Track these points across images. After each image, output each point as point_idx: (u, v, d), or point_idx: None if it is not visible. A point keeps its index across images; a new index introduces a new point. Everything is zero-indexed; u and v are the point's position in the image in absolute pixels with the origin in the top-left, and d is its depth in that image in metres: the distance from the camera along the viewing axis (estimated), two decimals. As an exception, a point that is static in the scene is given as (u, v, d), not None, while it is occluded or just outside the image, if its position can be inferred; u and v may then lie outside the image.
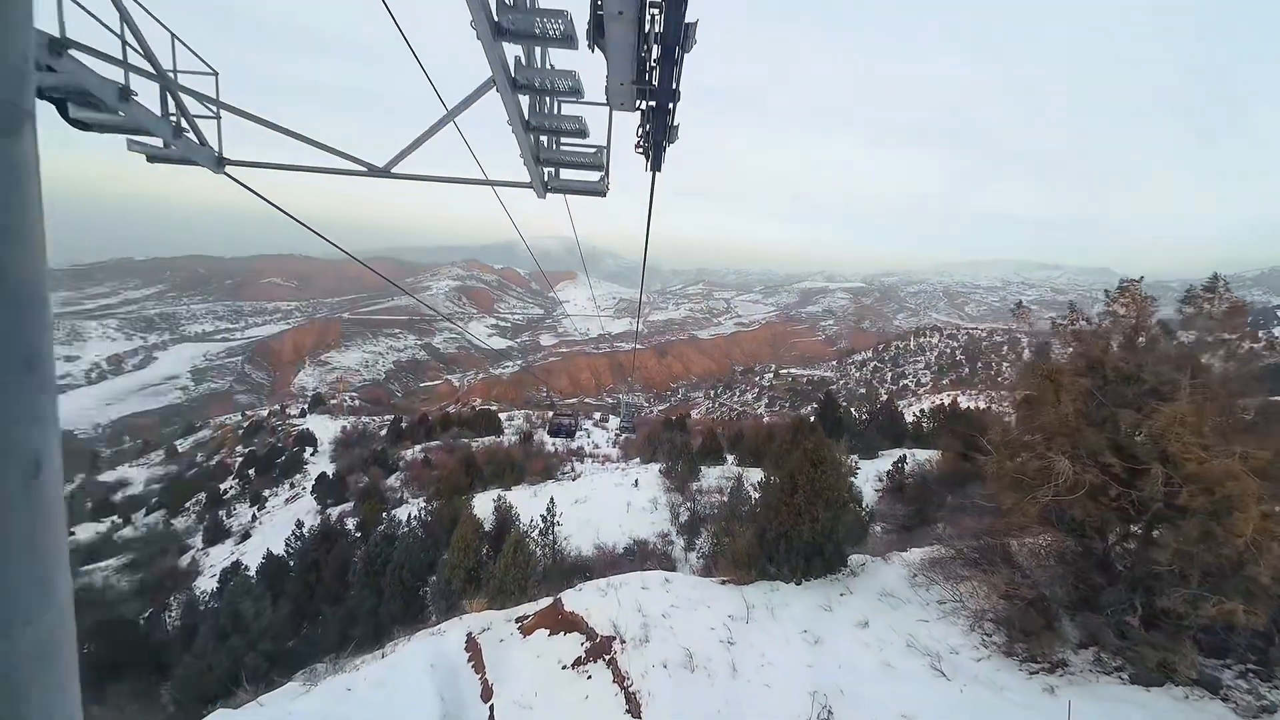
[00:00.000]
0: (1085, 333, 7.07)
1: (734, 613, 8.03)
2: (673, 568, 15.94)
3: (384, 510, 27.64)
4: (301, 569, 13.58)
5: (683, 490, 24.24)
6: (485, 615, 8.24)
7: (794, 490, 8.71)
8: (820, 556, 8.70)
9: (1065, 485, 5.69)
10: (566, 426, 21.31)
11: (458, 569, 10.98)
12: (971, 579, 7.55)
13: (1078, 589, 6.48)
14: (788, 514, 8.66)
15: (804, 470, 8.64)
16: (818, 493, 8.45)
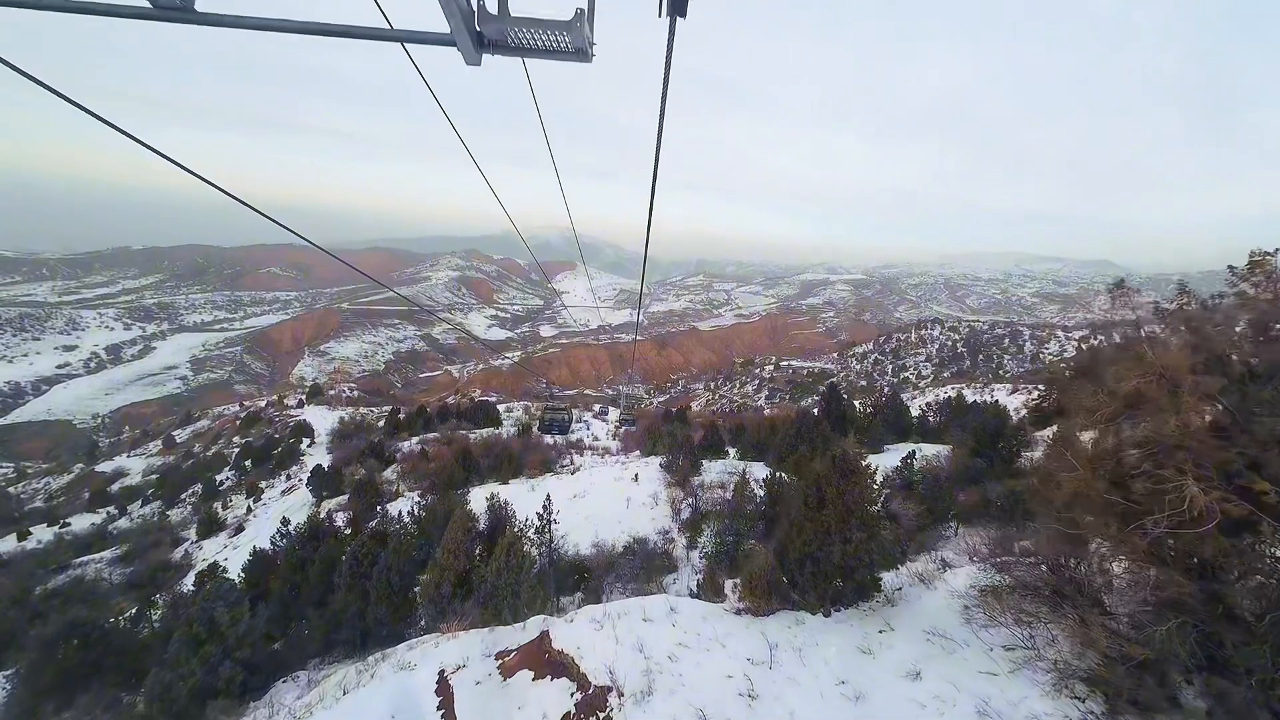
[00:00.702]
0: (1201, 317, 5.75)
1: (754, 654, 6.78)
2: (674, 567, 15.40)
3: (379, 504, 27.12)
4: (287, 568, 13.02)
5: (684, 485, 23.66)
6: (464, 642, 7.40)
7: (821, 504, 7.61)
8: (851, 581, 7.64)
9: (1190, 514, 4.50)
10: (560, 422, 19.31)
11: (447, 572, 10.40)
12: (1052, 622, 6.00)
13: (1203, 646, 4.97)
14: (814, 532, 7.54)
15: (833, 481, 7.50)
16: (850, 509, 7.38)
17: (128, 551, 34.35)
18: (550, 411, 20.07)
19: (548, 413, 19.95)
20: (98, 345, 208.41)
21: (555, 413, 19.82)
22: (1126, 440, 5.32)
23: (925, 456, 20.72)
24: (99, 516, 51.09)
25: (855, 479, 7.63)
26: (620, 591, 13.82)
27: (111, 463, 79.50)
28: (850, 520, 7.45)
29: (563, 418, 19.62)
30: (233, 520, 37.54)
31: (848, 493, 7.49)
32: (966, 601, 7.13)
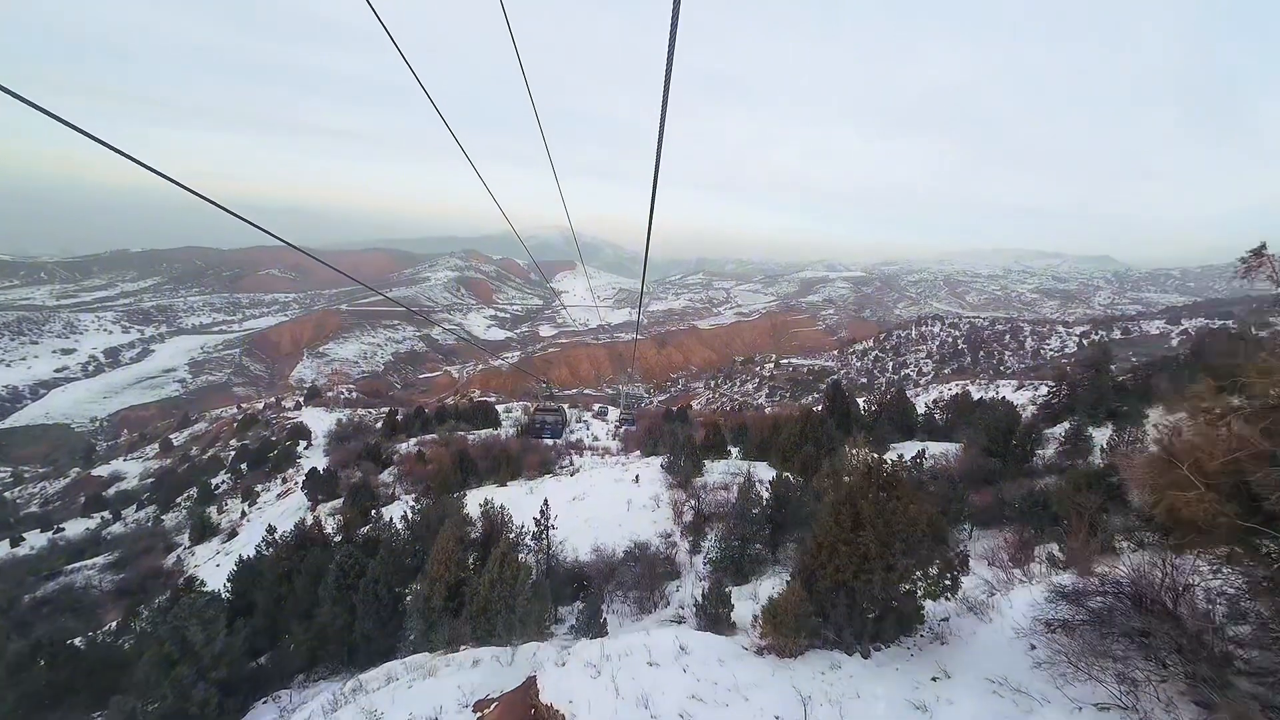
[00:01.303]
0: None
1: (783, 711, 5.56)
2: (677, 574, 14.79)
3: (374, 508, 26.54)
4: (271, 579, 12.43)
5: (686, 487, 23.04)
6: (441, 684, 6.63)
7: (856, 524, 6.49)
8: (893, 613, 6.60)
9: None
10: (552, 425, 17.68)
11: (438, 584, 9.81)
12: (1163, 680, 4.65)
13: None
14: (849, 558, 6.48)
15: (871, 496, 6.42)
16: (893, 530, 6.32)
17: (120, 558, 33.77)
18: (541, 413, 18.07)
19: (538, 414, 17.97)
20: (96, 348, 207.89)
21: (546, 414, 17.84)
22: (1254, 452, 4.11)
23: (934, 455, 20.12)
24: (93, 521, 50.54)
25: (898, 492, 6.58)
26: (621, 600, 13.21)
27: (108, 466, 79.01)
28: (894, 543, 6.40)
29: (555, 420, 17.62)
30: (227, 525, 36.92)
31: (889, 509, 6.41)
32: (1033, 639, 5.91)
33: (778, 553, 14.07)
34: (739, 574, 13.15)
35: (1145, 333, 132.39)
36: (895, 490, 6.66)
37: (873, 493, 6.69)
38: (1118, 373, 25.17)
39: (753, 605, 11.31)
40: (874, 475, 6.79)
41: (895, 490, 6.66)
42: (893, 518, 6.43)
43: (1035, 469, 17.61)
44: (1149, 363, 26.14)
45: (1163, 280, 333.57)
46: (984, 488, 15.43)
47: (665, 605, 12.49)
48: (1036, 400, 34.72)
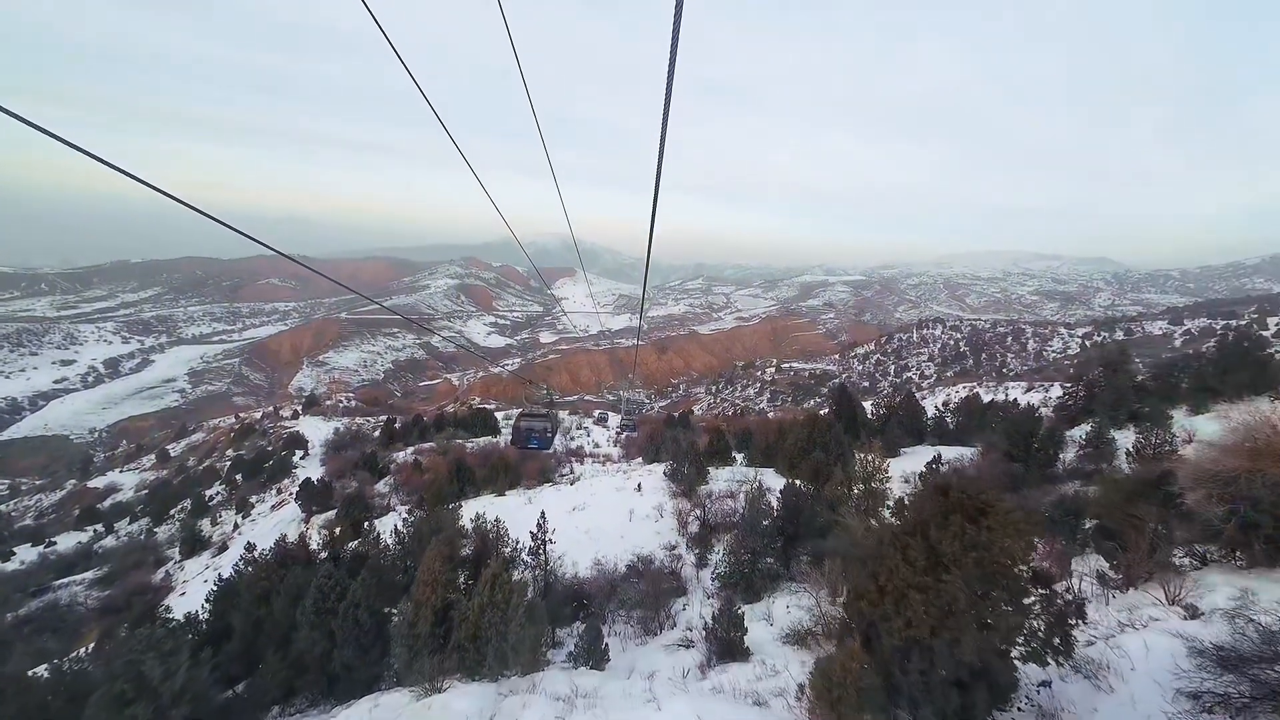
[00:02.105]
0: None
1: None
2: (683, 590, 13.90)
3: (368, 519, 25.64)
4: (249, 601, 11.58)
5: (690, 495, 22.18)
6: None
7: (935, 562, 5.02)
8: (983, 681, 4.99)
9: None
10: (539, 434, 14.24)
11: (423, 609, 8.98)
12: None
13: None
14: (927, 609, 4.97)
15: (955, 529, 4.88)
16: (989, 572, 4.83)
17: (108, 573, 32.84)
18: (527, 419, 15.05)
19: (523, 420, 14.83)
20: (95, 359, 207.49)
21: (534, 420, 14.93)
22: None
23: (949, 460, 19.23)
24: (86, 535, 49.57)
25: (991, 520, 4.97)
26: (624, 620, 12.33)
27: (104, 478, 77.99)
28: (991, 590, 4.90)
29: (544, 427, 14.72)
30: (219, 538, 36.01)
31: (982, 544, 4.81)
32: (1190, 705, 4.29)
33: (791, 567, 13.19)
34: (750, 591, 12.27)
35: (1148, 333, 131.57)
36: (988, 517, 5.04)
37: (956, 521, 5.11)
38: (1136, 373, 24.33)
39: (767, 627, 10.44)
40: (956, 500, 5.18)
41: (988, 517, 5.04)
42: (986, 555, 4.90)
43: (1057, 474, 16.76)
44: (1170, 362, 25.33)
45: (1162, 281, 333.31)
46: (1006, 495, 14.57)
47: (672, 626, 11.61)
48: (1049, 402, 33.86)
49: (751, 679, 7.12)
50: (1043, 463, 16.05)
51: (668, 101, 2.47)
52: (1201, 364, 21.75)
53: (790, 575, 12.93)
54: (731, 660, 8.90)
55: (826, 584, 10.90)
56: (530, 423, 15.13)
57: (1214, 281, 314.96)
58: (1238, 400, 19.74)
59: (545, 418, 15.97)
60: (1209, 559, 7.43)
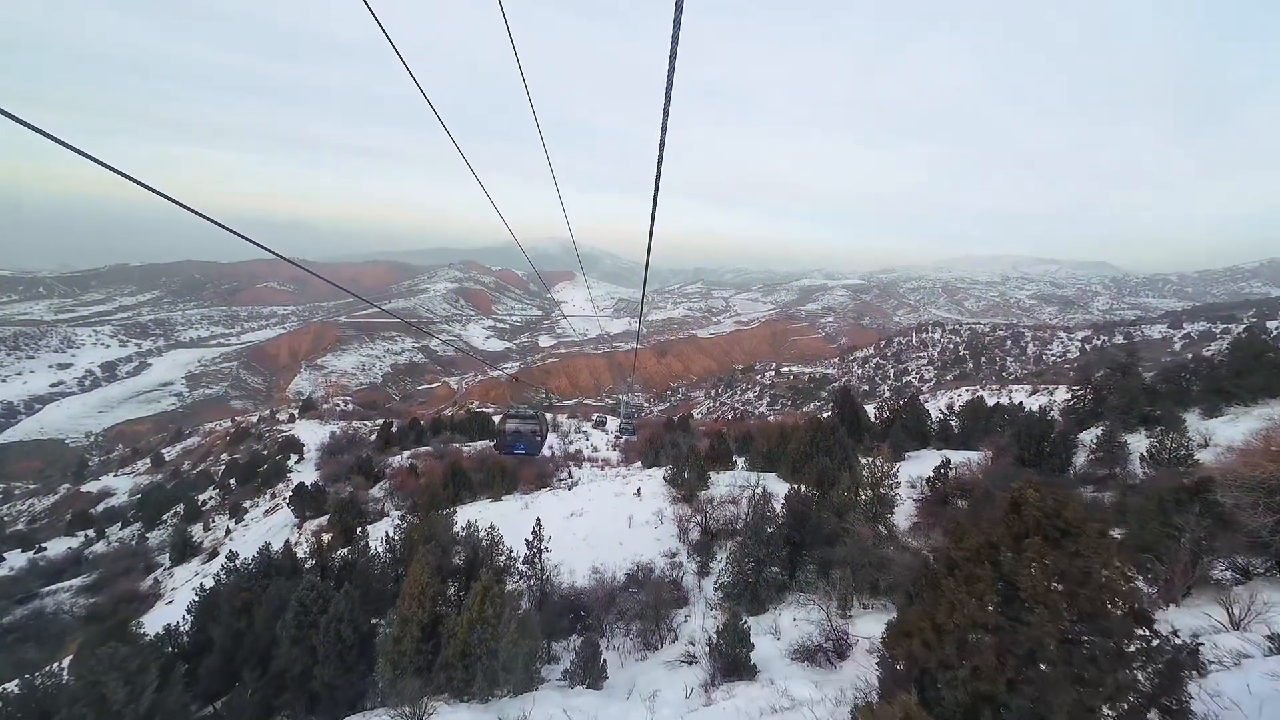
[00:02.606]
0: None
1: None
2: (685, 600, 13.35)
3: (359, 525, 25.09)
4: (229, 613, 11.02)
5: (691, 501, 21.64)
6: None
7: (1010, 600, 4.03)
8: None
9: None
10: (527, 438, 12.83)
11: (409, 624, 8.45)
12: None
13: None
14: (1000, 655, 3.99)
15: (1033, 554, 3.90)
16: (1085, 613, 3.82)
17: (97, 580, 32.19)
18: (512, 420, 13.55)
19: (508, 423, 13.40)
20: (93, 363, 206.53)
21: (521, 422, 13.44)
22: None
23: (955, 465, 18.66)
24: (77, 540, 48.87)
25: (1081, 543, 3.90)
26: (623, 632, 11.79)
27: (98, 482, 77.21)
28: (1087, 636, 3.77)
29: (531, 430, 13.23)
30: (210, 543, 35.37)
31: (1073, 573, 3.75)
32: None
33: (796, 576, 12.66)
34: (754, 601, 11.74)
35: (1147, 337, 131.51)
36: (1076, 539, 3.93)
37: (1034, 544, 4.03)
38: (1146, 375, 23.87)
39: (774, 641, 9.90)
40: (1032, 516, 4.12)
41: (1076, 539, 3.93)
42: (1079, 588, 3.85)
43: (1068, 480, 16.27)
44: (1180, 364, 24.89)
45: (1160, 285, 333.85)
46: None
47: (673, 640, 11.06)
48: (1054, 405, 33.36)
49: (764, 708, 6.56)
50: (1055, 467, 15.55)
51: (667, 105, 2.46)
52: (1213, 367, 21.29)
53: (796, 585, 12.40)
54: (737, 678, 8.37)
55: (836, 596, 10.38)
56: (517, 424, 13.35)
57: (1212, 286, 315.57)
58: (1252, 404, 19.31)
59: (534, 419, 13.83)
60: (1252, 572, 6.92)
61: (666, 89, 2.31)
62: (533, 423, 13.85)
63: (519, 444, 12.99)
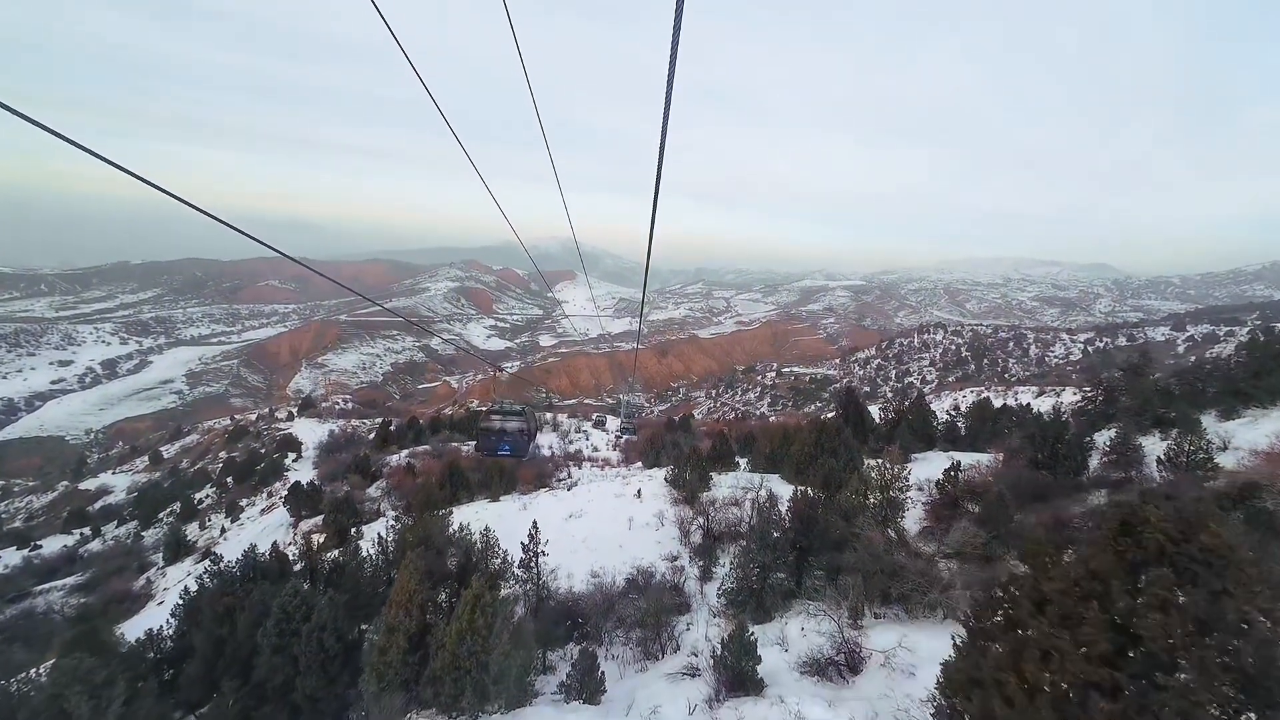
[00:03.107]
0: None
1: None
2: (687, 606, 12.86)
3: (354, 525, 24.63)
4: (211, 618, 10.53)
5: (693, 503, 21.14)
6: None
7: (1126, 649, 3.08)
8: None
9: None
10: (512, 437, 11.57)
11: (396, 634, 7.97)
12: None
13: None
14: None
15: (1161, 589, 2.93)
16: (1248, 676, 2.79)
17: (89, 579, 31.75)
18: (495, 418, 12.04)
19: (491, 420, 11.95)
20: (93, 360, 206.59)
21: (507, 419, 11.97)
22: None
23: (968, 466, 18.11)
24: (73, 538, 48.45)
25: (1234, 581, 2.95)
26: (623, 641, 11.30)
27: (96, 480, 76.84)
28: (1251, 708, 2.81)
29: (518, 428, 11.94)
30: (205, 543, 34.92)
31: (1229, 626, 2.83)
32: None
33: (803, 583, 12.16)
34: (760, 609, 11.23)
35: (1151, 339, 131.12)
36: (1224, 572, 3.00)
37: (1161, 579, 3.08)
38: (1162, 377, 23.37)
39: (782, 653, 9.40)
40: (1157, 539, 3.16)
41: (1224, 572, 3.00)
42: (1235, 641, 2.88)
43: (1081, 483, 15.76)
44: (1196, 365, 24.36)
45: (1163, 288, 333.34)
46: (1034, 505, 13.57)
47: (675, 650, 10.56)
48: (1060, 407, 32.82)
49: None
50: (1070, 470, 15.04)
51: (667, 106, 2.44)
52: (1230, 367, 20.79)
53: (804, 592, 11.90)
54: (743, 694, 7.87)
55: (847, 605, 9.88)
56: (500, 422, 11.81)
57: (1215, 288, 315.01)
58: (1271, 405, 18.78)
59: (520, 415, 12.24)
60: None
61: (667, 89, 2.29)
62: (518, 420, 12.21)
63: (503, 444, 11.46)
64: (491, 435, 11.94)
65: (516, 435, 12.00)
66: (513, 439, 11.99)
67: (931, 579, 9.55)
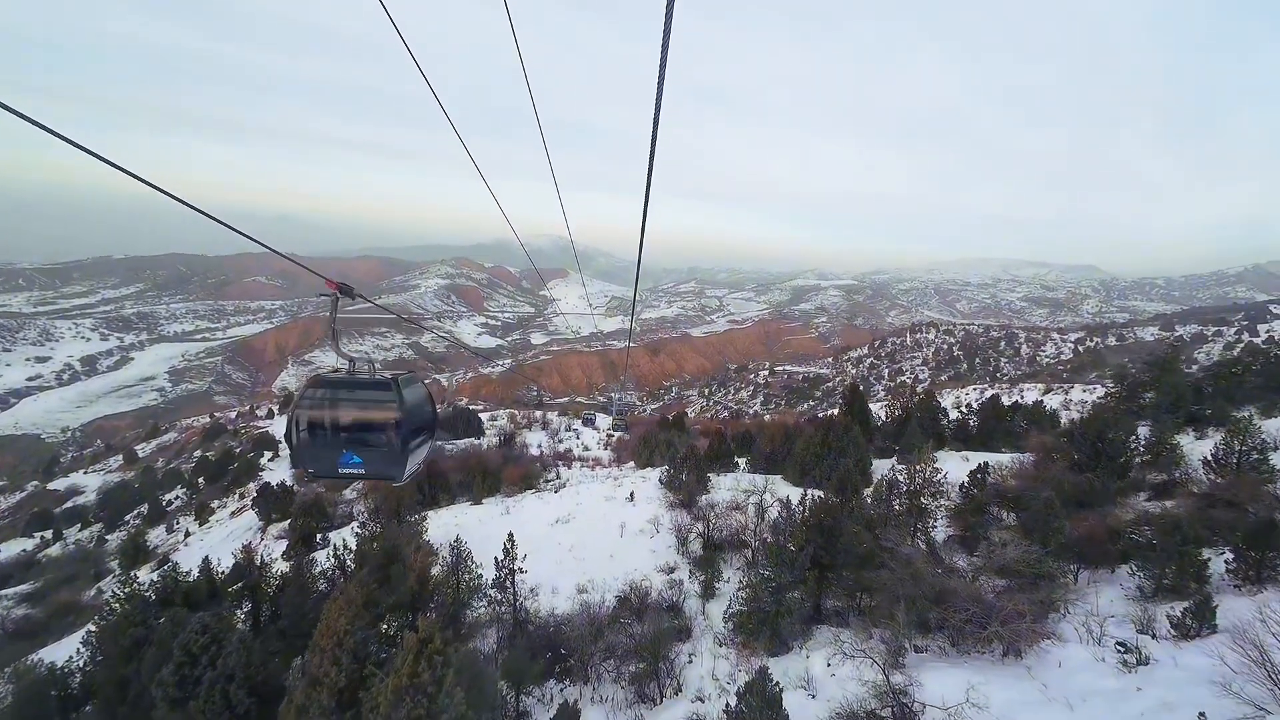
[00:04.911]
0: None
1: None
2: (688, 631, 11.09)
3: (322, 530, 22.69)
4: (113, 655, 8.64)
5: (690, 506, 19.43)
6: None
7: None
8: None
9: None
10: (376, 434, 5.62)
11: (320, 688, 6.18)
12: None
13: None
14: None
15: None
16: None
17: (41, 586, 29.51)
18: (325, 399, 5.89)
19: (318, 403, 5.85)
20: (72, 356, 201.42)
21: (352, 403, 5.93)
22: None
23: (996, 468, 16.43)
24: (33, 541, 45.88)
25: None
26: (613, 676, 9.52)
27: (67, 480, 73.82)
28: None
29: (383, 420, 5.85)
30: (167, 548, 32.75)
31: None
32: None
33: (823, 605, 10.47)
34: (775, 637, 9.53)
35: (1140, 339, 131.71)
36: None
37: None
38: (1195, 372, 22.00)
39: (808, 698, 7.68)
40: None
41: None
42: None
43: (1126, 486, 14.24)
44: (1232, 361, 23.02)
45: (1148, 289, 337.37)
46: (1080, 511, 11.98)
47: (676, 692, 8.80)
48: (1069, 404, 31.52)
49: None
50: (1114, 471, 13.49)
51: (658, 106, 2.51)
52: (1270, 362, 19.41)
53: (825, 617, 10.21)
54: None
55: (882, 636, 8.19)
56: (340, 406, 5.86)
57: (1198, 290, 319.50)
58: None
59: (386, 390, 5.92)
60: None
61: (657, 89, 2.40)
62: (384, 403, 5.82)
63: (349, 454, 5.65)
64: (321, 433, 5.87)
65: (384, 430, 5.78)
66: (371, 440, 5.82)
67: (988, 606, 7.88)
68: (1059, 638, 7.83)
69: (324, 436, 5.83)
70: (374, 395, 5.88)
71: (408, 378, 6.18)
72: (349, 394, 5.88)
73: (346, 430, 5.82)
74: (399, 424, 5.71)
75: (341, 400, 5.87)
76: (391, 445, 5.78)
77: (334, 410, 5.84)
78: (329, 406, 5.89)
